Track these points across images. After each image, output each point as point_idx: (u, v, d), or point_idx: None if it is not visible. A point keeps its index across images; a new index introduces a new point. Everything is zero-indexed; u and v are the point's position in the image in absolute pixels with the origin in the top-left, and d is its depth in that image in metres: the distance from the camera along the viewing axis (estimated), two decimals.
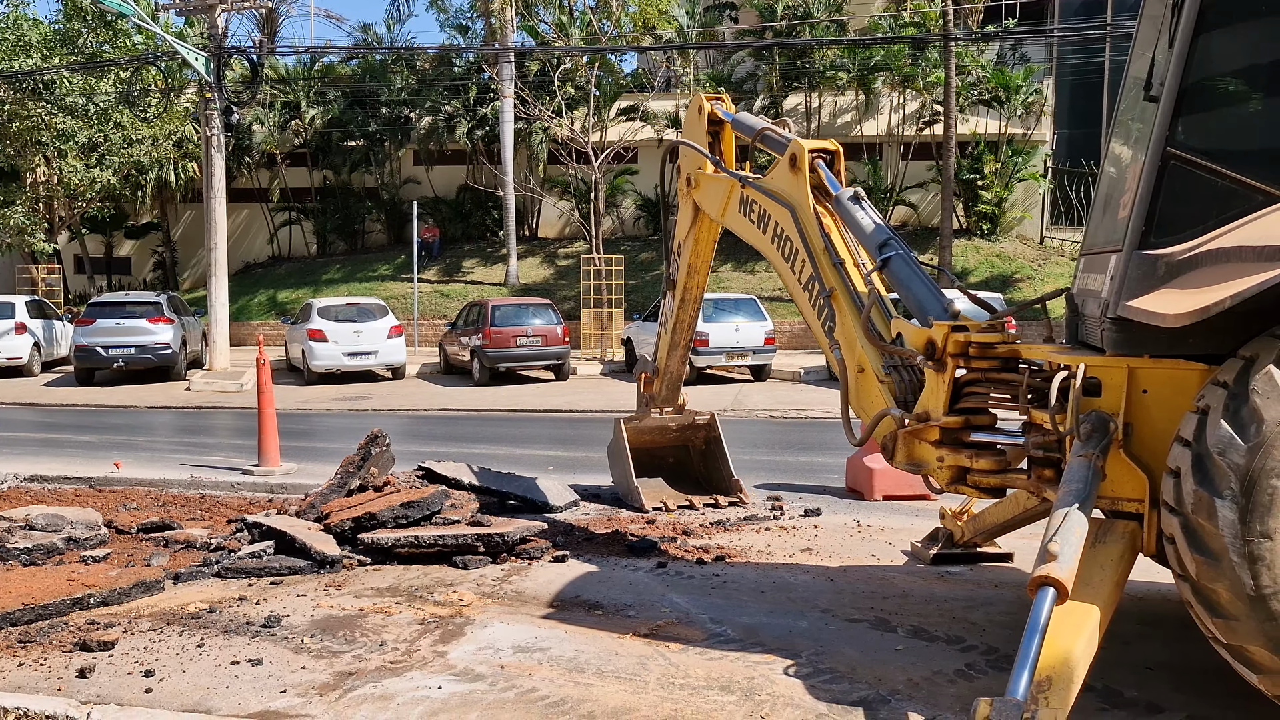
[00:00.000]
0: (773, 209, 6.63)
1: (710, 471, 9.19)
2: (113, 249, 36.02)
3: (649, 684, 4.68)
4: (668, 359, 8.79)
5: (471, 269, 31.82)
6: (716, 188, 7.48)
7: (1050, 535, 3.82)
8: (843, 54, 29.71)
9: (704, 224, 7.97)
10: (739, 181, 7.09)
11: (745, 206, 7.00)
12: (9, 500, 8.93)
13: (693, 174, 7.83)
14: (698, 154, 7.77)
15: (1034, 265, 28.08)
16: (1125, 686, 4.56)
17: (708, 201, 7.65)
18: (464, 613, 5.77)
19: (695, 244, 8.11)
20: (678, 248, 8.37)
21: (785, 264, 6.50)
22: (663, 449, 9.17)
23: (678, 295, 8.45)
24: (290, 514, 7.87)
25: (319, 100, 33.36)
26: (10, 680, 4.77)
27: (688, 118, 8.24)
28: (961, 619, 5.62)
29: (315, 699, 4.53)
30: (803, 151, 6.40)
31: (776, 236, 6.59)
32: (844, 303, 5.99)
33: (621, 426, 8.92)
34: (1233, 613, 3.70)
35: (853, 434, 5.94)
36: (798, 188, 6.42)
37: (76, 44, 26.44)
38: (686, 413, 9.12)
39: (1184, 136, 4.20)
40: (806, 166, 6.36)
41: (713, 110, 7.88)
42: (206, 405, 18.47)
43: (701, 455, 9.32)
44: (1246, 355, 3.77)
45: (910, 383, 5.67)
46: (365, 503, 7.55)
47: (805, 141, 6.49)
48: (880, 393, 5.69)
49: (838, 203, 6.26)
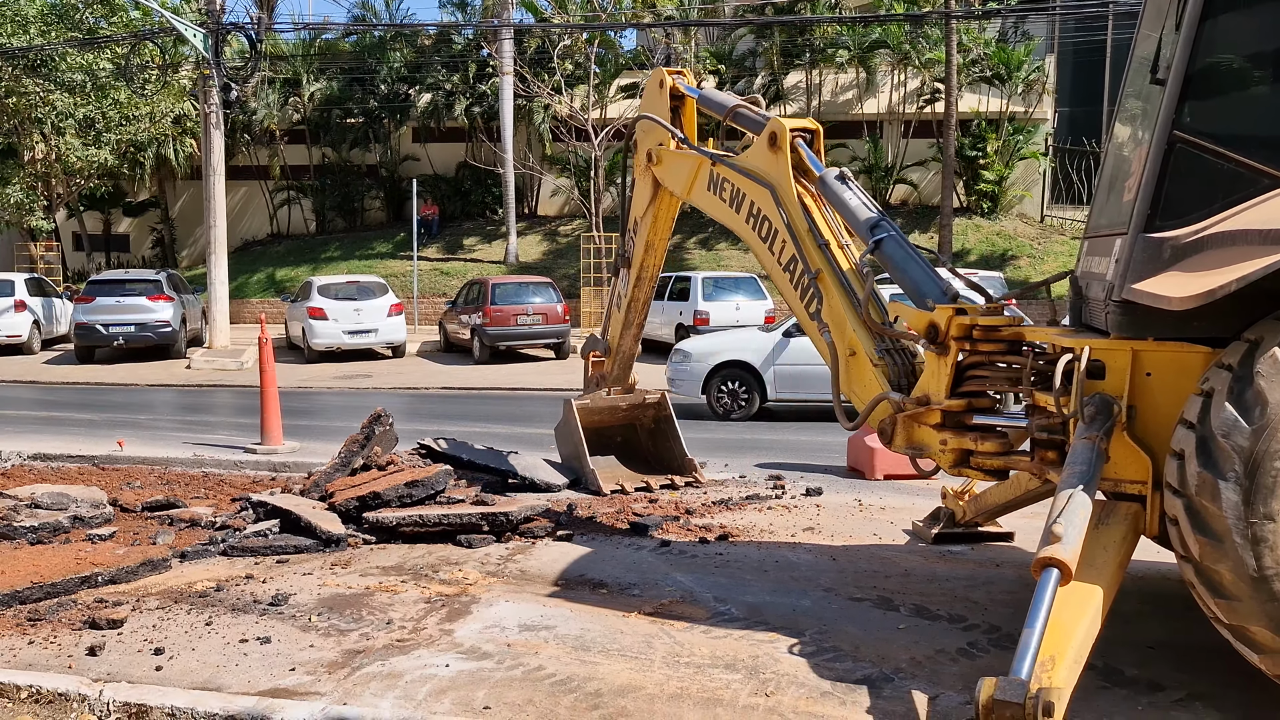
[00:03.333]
0: (749, 188, 6.51)
1: (660, 450, 9.08)
2: (111, 226, 35.93)
3: (654, 662, 4.73)
4: (621, 338, 8.63)
5: (471, 247, 31.77)
6: (682, 164, 7.32)
7: (1054, 517, 3.85)
8: (843, 31, 29.57)
9: (664, 201, 7.83)
10: (709, 159, 6.94)
11: (715, 185, 6.87)
12: (13, 479, 8.96)
13: (654, 149, 7.66)
14: (660, 129, 7.58)
15: (1034, 244, 28.04)
16: (1126, 665, 4.60)
17: (671, 178, 7.50)
18: (469, 591, 5.81)
19: (654, 221, 7.96)
20: (634, 224, 8.19)
21: (763, 244, 6.41)
22: (610, 428, 8.98)
23: (634, 273, 8.29)
24: (294, 493, 7.91)
25: (318, 77, 33.20)
26: (21, 658, 4.81)
27: (648, 92, 8.02)
28: (963, 598, 5.67)
29: (324, 677, 4.57)
30: (783, 130, 6.30)
31: (753, 216, 6.49)
32: (831, 284, 5.94)
33: (572, 407, 8.70)
34: (1235, 593, 3.74)
35: (845, 418, 5.89)
36: (778, 167, 6.32)
37: (74, 20, 26.27)
38: (637, 392, 8.98)
39: (1190, 120, 4.20)
40: (787, 146, 6.26)
41: (675, 85, 7.70)
42: (207, 383, 18.50)
43: (650, 434, 9.19)
44: (1251, 338, 3.79)
45: (903, 366, 5.65)
46: (369, 482, 7.59)
47: (785, 120, 6.39)
48: (875, 376, 5.66)
49: (823, 183, 6.17)
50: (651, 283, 8.41)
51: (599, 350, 8.88)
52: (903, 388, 5.56)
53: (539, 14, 32.07)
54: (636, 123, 7.98)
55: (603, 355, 8.85)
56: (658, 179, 7.70)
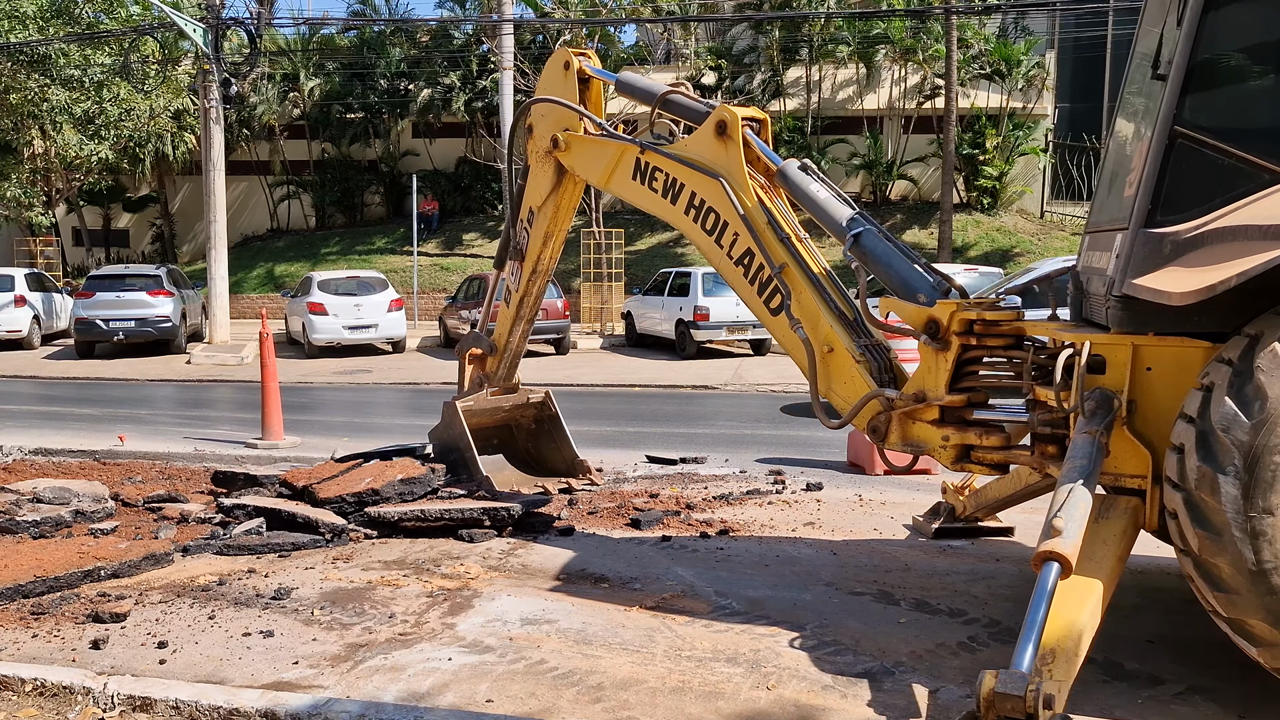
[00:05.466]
0: (691, 179, 6.18)
1: (544, 452, 8.57)
2: (111, 221, 35.92)
3: (656, 655, 4.75)
4: (509, 335, 8.05)
5: (471, 242, 31.78)
6: (600, 151, 6.87)
7: (1055, 511, 3.87)
8: (843, 26, 29.55)
9: (568, 190, 7.37)
10: (638, 147, 6.52)
11: (644, 174, 6.48)
12: (15, 473, 8.98)
13: (560, 135, 7.09)
14: (566, 112, 7.09)
15: (1034, 240, 28.05)
16: (1126, 659, 4.63)
17: (584, 165, 7.04)
18: (471, 585, 5.83)
19: (556, 211, 7.45)
20: (528, 214, 7.60)
21: (707, 237, 6.12)
22: (486, 429, 8.30)
23: (528, 266, 7.69)
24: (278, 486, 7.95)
25: (317, 72, 33.18)
26: (25, 651, 4.82)
27: (549, 73, 7.39)
28: (963, 592, 5.69)
29: (327, 670, 4.59)
30: (734, 118, 5.98)
31: (694, 208, 6.18)
32: (800, 279, 5.74)
33: (457, 409, 7.99)
34: (1234, 587, 3.76)
35: (826, 416, 5.71)
36: (728, 157, 6.01)
37: (73, 15, 26.24)
38: (521, 391, 8.39)
39: (1192, 115, 4.21)
40: (739, 135, 5.97)
41: (582, 67, 7.17)
42: (207, 378, 18.50)
43: (531, 435, 8.64)
44: (1251, 333, 3.81)
45: (881, 362, 5.55)
46: (348, 472, 7.61)
47: (736, 108, 6.08)
48: (859, 373, 5.51)
49: (783, 176, 5.95)
50: (547, 276, 7.83)
51: (483, 348, 8.22)
52: (884, 384, 5.44)
53: (539, 9, 32.05)
54: (531, 105, 7.41)
55: (486, 353, 8.21)
56: (565, 166, 7.18)
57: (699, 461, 9.60)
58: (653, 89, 6.81)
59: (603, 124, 7.01)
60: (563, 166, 7.21)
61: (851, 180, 30.78)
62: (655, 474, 9.07)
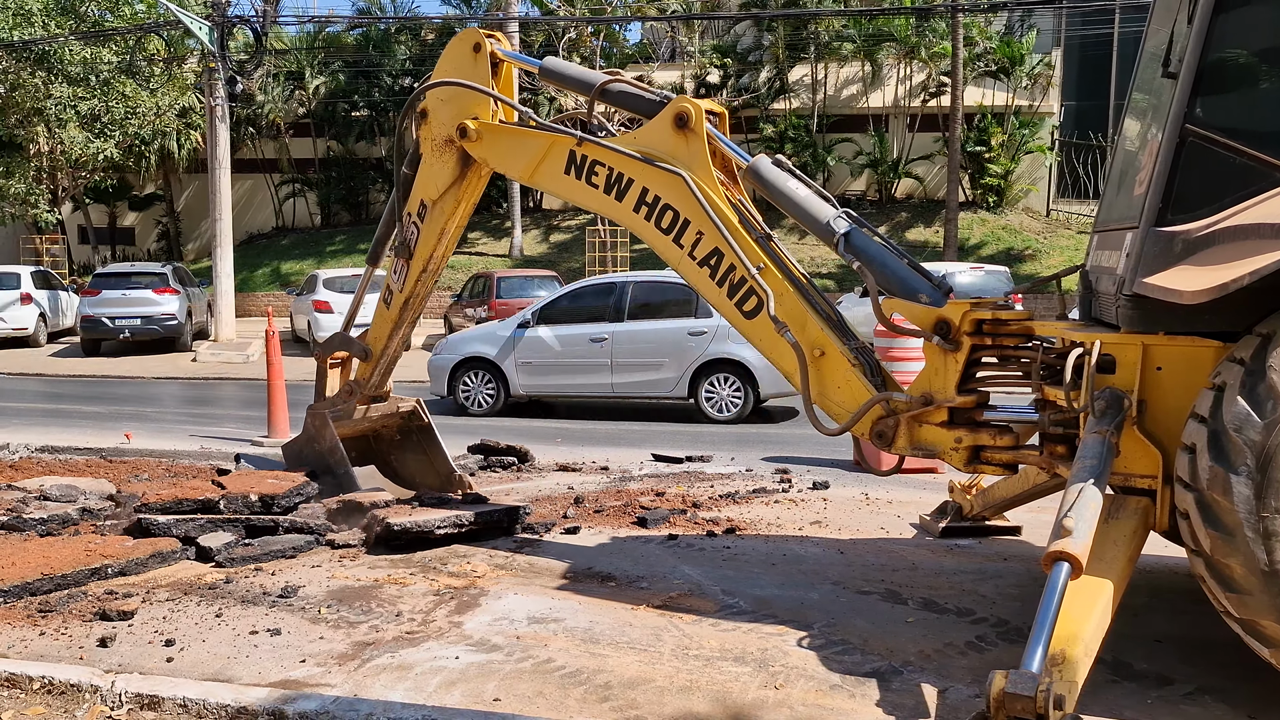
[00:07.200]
0: (643, 174, 5.77)
1: (410, 464, 8.03)
2: (116, 219, 36.01)
3: (663, 655, 4.74)
4: (389, 339, 7.43)
5: (476, 241, 31.77)
6: (520, 143, 6.35)
7: (1065, 511, 3.85)
8: (848, 24, 29.52)
9: (472, 183, 6.82)
10: (573, 139, 6.06)
11: (583, 170, 6.01)
12: (21, 471, 8.98)
13: (470, 124, 6.50)
14: (475, 98, 6.49)
15: (1040, 238, 28.02)
16: (1135, 659, 4.61)
17: (502, 157, 6.48)
18: (478, 584, 5.82)
19: (457, 205, 6.87)
20: (419, 208, 6.97)
21: (664, 236, 5.74)
22: (348, 440, 7.65)
23: (417, 264, 7.06)
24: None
25: (323, 70, 33.21)
26: (33, 649, 4.82)
27: (455, 56, 6.73)
28: (971, 591, 5.67)
29: (334, 668, 4.58)
30: (697, 110, 5.63)
31: (647, 205, 5.78)
32: (781, 281, 5.50)
33: (327, 419, 7.50)
34: (1246, 587, 3.74)
35: (821, 423, 5.50)
36: (692, 152, 5.66)
37: (78, 12, 26.28)
38: (390, 400, 7.86)
39: (1202, 114, 4.19)
40: (702, 128, 5.63)
41: (494, 50, 6.60)
42: (213, 376, 18.52)
43: (395, 445, 8.09)
44: (1264, 332, 3.79)
45: (871, 364, 5.46)
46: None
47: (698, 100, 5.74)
48: (856, 377, 5.36)
49: (755, 172, 5.62)
50: (436, 275, 7.21)
51: (354, 353, 7.62)
52: (877, 387, 5.34)
53: (544, 7, 32.06)
54: (429, 89, 6.76)
55: (360, 358, 7.61)
56: (474, 158, 6.61)
57: (705, 460, 9.60)
58: (587, 78, 6.31)
59: (528, 113, 6.54)
60: (468, 157, 6.64)
61: (856, 179, 30.76)
62: (661, 472, 9.06)
